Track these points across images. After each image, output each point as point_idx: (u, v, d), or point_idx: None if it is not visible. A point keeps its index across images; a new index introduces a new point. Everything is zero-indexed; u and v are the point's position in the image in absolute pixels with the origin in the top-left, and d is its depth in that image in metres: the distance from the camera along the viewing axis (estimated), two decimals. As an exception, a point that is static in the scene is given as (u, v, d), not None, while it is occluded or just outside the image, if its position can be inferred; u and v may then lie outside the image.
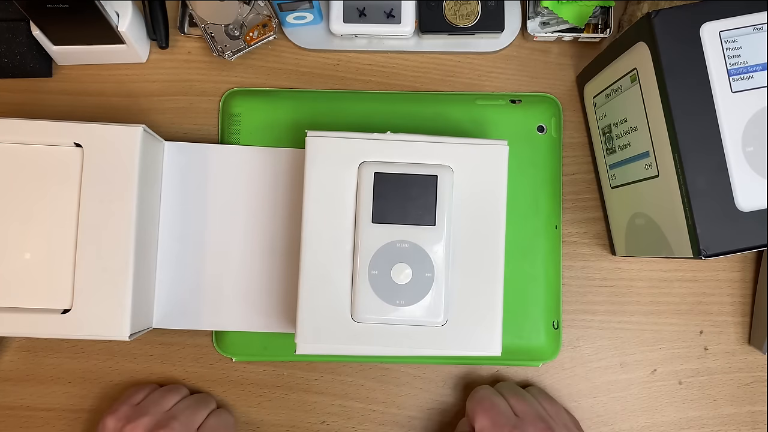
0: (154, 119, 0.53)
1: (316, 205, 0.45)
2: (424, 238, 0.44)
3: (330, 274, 0.44)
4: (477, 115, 0.52)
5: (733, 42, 0.40)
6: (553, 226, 0.52)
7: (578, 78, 0.53)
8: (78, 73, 0.53)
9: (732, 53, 0.40)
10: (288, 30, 0.53)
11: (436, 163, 0.45)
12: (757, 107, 0.40)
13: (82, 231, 0.44)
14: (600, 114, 0.50)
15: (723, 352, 0.52)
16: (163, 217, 0.50)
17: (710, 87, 0.40)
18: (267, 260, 0.50)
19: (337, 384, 0.52)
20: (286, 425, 0.52)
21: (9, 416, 0.52)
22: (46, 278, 0.44)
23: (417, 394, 0.52)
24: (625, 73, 0.45)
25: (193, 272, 0.50)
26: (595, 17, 0.52)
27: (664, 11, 0.40)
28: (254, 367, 0.52)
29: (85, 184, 0.44)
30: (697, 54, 0.40)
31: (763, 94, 0.40)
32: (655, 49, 0.40)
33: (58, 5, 0.45)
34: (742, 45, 0.40)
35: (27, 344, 0.52)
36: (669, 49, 0.40)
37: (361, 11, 0.51)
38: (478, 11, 0.51)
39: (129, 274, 0.44)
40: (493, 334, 0.45)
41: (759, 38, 0.40)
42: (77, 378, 0.52)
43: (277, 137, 0.52)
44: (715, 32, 0.40)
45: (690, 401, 0.52)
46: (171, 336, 0.52)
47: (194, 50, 0.54)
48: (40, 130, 0.44)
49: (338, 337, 0.44)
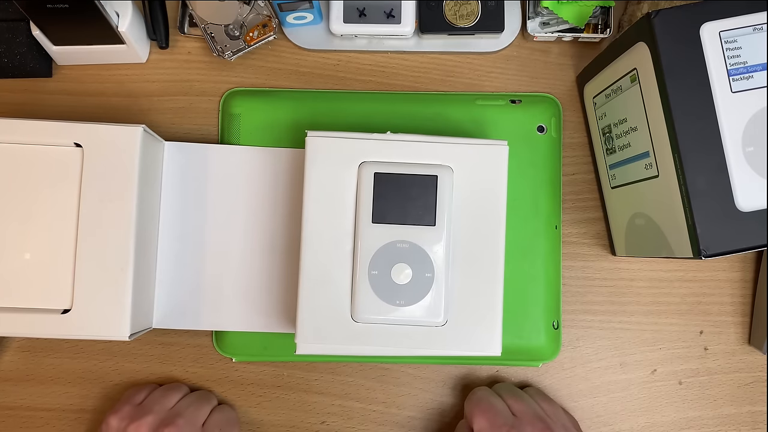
0: (154, 119, 0.53)
1: (316, 205, 0.45)
2: (424, 238, 0.44)
3: (330, 274, 0.44)
4: (477, 115, 0.52)
5: (733, 42, 0.40)
6: (553, 226, 0.52)
7: (578, 78, 0.53)
8: (78, 73, 0.53)
9: (732, 53, 0.40)
10: (288, 30, 0.53)
11: (436, 163, 0.45)
12: (757, 107, 0.40)
13: (82, 231, 0.44)
14: (600, 114, 0.50)
15: (723, 352, 0.52)
16: (163, 217, 0.50)
17: (710, 87, 0.40)
18: (267, 260, 0.50)
19: (337, 384, 0.52)
20: (286, 425, 0.52)
21: (9, 416, 0.52)
22: (46, 278, 0.44)
23: (417, 394, 0.52)
24: (625, 74, 0.45)
25: (193, 272, 0.50)
26: (595, 17, 0.52)
27: (664, 11, 0.40)
28: (254, 367, 0.52)
29: (85, 184, 0.44)
30: (697, 54, 0.40)
31: (763, 95, 0.40)
32: (655, 50, 0.40)
33: (58, 5, 0.45)
34: (742, 45, 0.40)
35: (27, 344, 0.52)
36: (669, 50, 0.40)
37: (361, 11, 0.51)
38: (478, 11, 0.51)
39: (129, 274, 0.44)
40: (493, 334, 0.45)
41: (759, 38, 0.40)
42: (77, 378, 0.52)
43: (277, 137, 0.52)
44: (715, 32, 0.40)
45: (690, 401, 0.52)
46: (171, 336, 0.52)
47: (194, 50, 0.54)
48: (40, 130, 0.44)
49: (338, 337, 0.44)
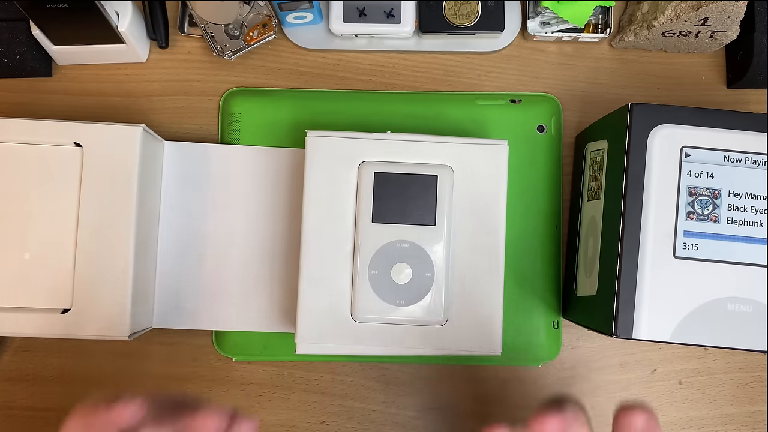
0: (154, 119, 0.53)
1: (316, 205, 0.45)
2: (424, 237, 0.44)
3: (330, 273, 0.44)
4: (477, 115, 0.52)
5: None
6: (553, 226, 0.52)
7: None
8: (78, 73, 0.53)
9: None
10: (288, 30, 0.53)
11: (436, 162, 0.45)
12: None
13: (82, 231, 0.44)
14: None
15: (723, 352, 0.52)
16: (163, 216, 0.50)
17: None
18: (267, 260, 0.50)
19: (337, 384, 0.52)
20: (286, 425, 0.52)
21: (9, 416, 0.52)
22: (46, 278, 0.44)
23: (417, 394, 0.52)
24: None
25: (193, 272, 0.50)
26: (595, 17, 0.52)
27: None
28: (254, 367, 0.52)
29: (85, 184, 0.44)
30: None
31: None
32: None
33: (58, 5, 0.45)
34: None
35: (27, 344, 0.52)
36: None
37: (361, 11, 0.51)
38: (478, 11, 0.51)
39: (129, 274, 0.44)
40: (493, 333, 0.45)
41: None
42: (77, 378, 0.52)
43: (277, 137, 0.52)
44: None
45: (690, 401, 0.52)
46: (171, 336, 0.52)
47: (194, 50, 0.54)
48: (40, 130, 0.44)
49: (338, 337, 0.44)
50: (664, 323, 0.41)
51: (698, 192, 0.42)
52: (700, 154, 0.42)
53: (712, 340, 0.41)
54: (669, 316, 0.41)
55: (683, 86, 0.54)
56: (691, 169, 0.42)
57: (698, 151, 0.42)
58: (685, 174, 0.42)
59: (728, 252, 0.42)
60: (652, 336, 0.41)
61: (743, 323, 0.41)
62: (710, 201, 0.42)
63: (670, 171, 0.42)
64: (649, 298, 0.41)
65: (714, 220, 0.42)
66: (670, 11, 0.48)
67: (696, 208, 0.42)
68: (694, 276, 0.41)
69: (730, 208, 0.42)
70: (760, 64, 0.50)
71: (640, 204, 0.42)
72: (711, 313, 0.41)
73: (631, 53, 0.54)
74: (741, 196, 0.42)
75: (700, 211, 0.42)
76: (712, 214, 0.42)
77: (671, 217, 0.42)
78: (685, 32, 0.49)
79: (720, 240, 0.42)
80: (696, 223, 0.42)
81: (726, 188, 0.42)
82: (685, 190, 0.42)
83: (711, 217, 0.42)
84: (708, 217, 0.42)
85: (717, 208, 0.42)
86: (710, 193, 0.42)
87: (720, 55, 0.54)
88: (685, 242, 0.42)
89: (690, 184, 0.42)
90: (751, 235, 0.42)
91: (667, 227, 0.42)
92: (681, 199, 0.42)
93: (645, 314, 0.41)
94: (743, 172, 0.42)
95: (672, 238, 0.42)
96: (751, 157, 0.42)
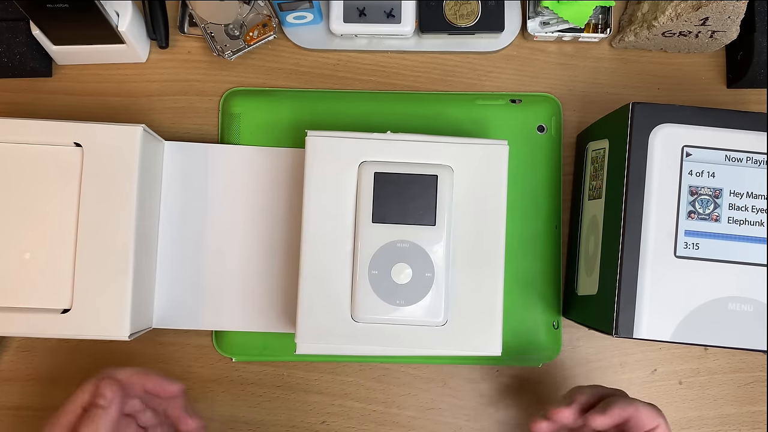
0: (154, 119, 0.53)
1: (316, 205, 0.45)
2: (424, 238, 0.44)
3: (330, 274, 0.44)
4: (477, 115, 0.52)
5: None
6: (553, 225, 0.52)
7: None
8: (78, 73, 0.53)
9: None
10: (288, 30, 0.53)
11: (436, 162, 0.45)
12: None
13: (82, 231, 0.44)
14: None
15: (723, 352, 0.52)
16: (163, 216, 0.50)
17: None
18: (267, 260, 0.50)
19: (337, 384, 0.52)
20: (286, 425, 0.52)
21: (9, 416, 0.51)
22: (46, 278, 0.44)
23: (417, 394, 0.52)
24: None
25: (193, 272, 0.50)
26: (595, 17, 0.52)
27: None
28: (254, 367, 0.52)
29: (85, 184, 0.44)
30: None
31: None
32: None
33: (58, 5, 0.45)
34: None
35: (27, 344, 0.52)
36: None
37: (361, 11, 0.51)
38: (478, 11, 0.51)
39: (129, 274, 0.44)
40: (493, 333, 0.45)
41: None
42: (77, 378, 0.52)
43: (277, 137, 0.51)
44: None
45: (690, 401, 0.52)
46: (171, 336, 0.52)
47: (194, 50, 0.54)
48: (40, 130, 0.44)
49: (338, 337, 0.44)
50: (665, 322, 0.41)
51: (699, 191, 0.42)
52: (701, 153, 0.42)
53: (712, 340, 0.41)
54: (670, 316, 0.41)
55: (683, 86, 0.53)
56: (692, 169, 0.42)
57: (699, 150, 0.42)
58: (686, 173, 0.42)
59: (729, 251, 0.42)
60: (652, 335, 0.41)
61: (744, 323, 0.41)
62: (711, 200, 0.42)
63: (671, 170, 0.42)
64: (649, 297, 0.41)
65: (715, 219, 0.42)
66: (670, 11, 0.48)
67: (697, 207, 0.42)
68: (695, 275, 0.41)
69: (731, 207, 0.42)
70: (760, 64, 0.50)
71: (641, 203, 0.42)
72: (712, 312, 0.41)
73: (631, 53, 0.54)
74: (742, 195, 0.42)
75: (701, 211, 0.42)
76: (713, 213, 0.42)
77: (672, 216, 0.42)
78: (685, 32, 0.49)
79: (721, 239, 0.42)
80: (697, 223, 0.42)
81: (727, 187, 0.42)
82: (686, 189, 0.42)
83: (712, 217, 0.42)
84: (709, 217, 0.42)
85: (718, 207, 0.42)
86: (711, 192, 0.42)
87: (720, 55, 0.54)
88: (686, 241, 0.42)
89: (691, 183, 0.42)
90: (752, 234, 0.42)
91: (668, 226, 0.42)
92: (682, 199, 0.42)
93: (646, 313, 0.41)
94: (744, 171, 0.42)
95: (673, 238, 0.42)
96: (752, 156, 0.42)
